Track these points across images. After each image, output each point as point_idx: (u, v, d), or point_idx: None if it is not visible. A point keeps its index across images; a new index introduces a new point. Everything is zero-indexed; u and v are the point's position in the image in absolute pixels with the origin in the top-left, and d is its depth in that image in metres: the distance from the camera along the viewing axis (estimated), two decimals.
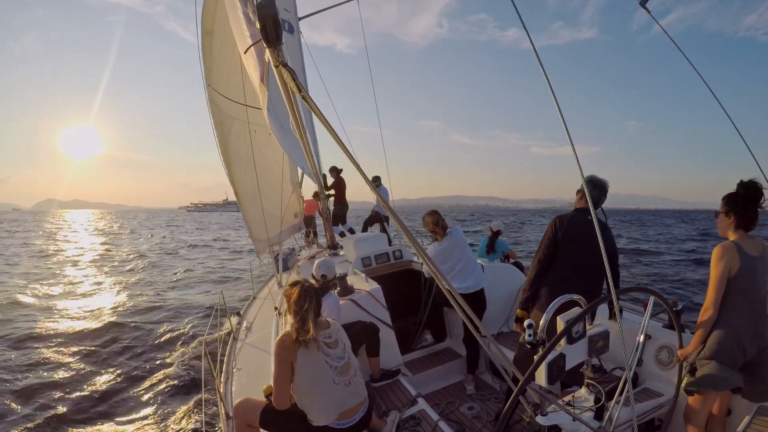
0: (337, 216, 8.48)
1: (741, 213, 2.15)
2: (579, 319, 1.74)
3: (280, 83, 1.62)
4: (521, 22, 1.35)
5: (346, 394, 2.18)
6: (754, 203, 2.12)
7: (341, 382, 2.17)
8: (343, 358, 2.25)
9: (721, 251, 2.12)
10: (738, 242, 2.14)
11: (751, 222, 2.15)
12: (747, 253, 2.11)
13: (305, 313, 2.14)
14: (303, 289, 2.21)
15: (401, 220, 1.64)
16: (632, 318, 3.35)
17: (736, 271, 2.09)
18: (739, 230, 2.18)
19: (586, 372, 1.97)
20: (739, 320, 2.11)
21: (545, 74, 1.31)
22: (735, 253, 2.10)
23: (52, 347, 7.44)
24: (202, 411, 3.34)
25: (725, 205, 2.20)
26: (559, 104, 1.29)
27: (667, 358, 2.99)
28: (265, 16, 1.49)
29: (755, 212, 2.13)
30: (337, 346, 2.25)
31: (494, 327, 4.24)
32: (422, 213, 3.82)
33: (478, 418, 3.16)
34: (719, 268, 2.11)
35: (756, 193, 2.10)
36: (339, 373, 2.18)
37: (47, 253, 22.97)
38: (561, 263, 2.67)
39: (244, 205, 5.39)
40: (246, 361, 3.63)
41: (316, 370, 2.11)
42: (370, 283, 3.74)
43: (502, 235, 6.63)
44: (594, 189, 2.68)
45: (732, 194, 2.18)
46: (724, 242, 2.17)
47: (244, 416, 2.27)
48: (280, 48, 1.57)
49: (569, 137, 1.34)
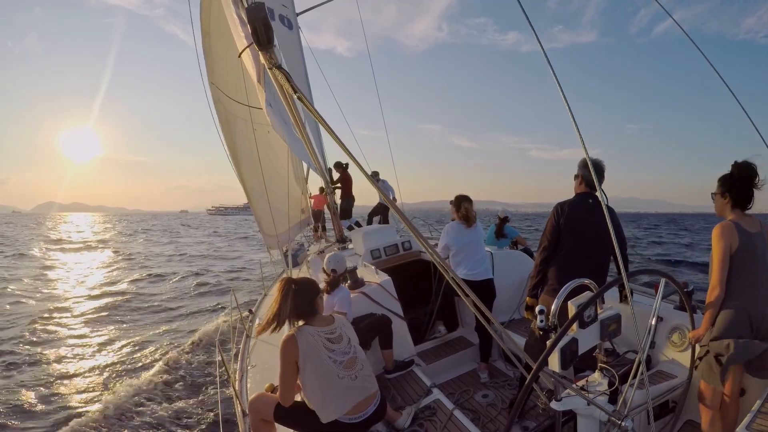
0: (344, 210, 8.53)
1: (736, 192, 2.20)
2: (590, 304, 1.74)
3: (276, 85, 1.62)
4: (530, 26, 1.33)
5: (352, 388, 2.18)
6: (748, 183, 2.17)
7: (347, 377, 2.18)
8: (348, 353, 2.25)
9: (720, 230, 2.17)
10: (736, 221, 2.19)
11: (747, 200, 2.21)
12: (746, 230, 2.15)
13: (280, 310, 2.19)
14: (283, 289, 2.24)
15: (403, 213, 1.63)
16: (643, 300, 3.33)
17: (737, 248, 2.13)
18: (736, 209, 2.23)
19: (599, 356, 1.97)
20: (744, 297, 2.14)
21: (555, 76, 1.29)
22: (734, 231, 2.14)
23: (69, 349, 7.60)
24: (218, 409, 3.39)
25: (721, 186, 2.26)
26: (568, 104, 1.28)
27: (679, 339, 2.97)
28: (255, 20, 1.48)
29: (750, 191, 2.19)
30: (341, 341, 2.25)
31: (505, 314, 4.24)
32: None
33: (493, 406, 3.18)
34: (720, 246, 2.14)
35: (750, 173, 2.16)
36: (344, 367, 2.19)
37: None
38: (566, 248, 2.66)
39: (253, 202, 5.43)
40: (259, 357, 3.67)
41: (319, 366, 2.12)
42: (380, 275, 3.75)
43: (510, 222, 6.59)
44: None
45: (727, 175, 2.24)
46: (722, 222, 2.21)
47: (258, 412, 2.30)
48: (273, 50, 1.57)
49: (579, 134, 1.34)
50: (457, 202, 3.74)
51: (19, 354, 7.24)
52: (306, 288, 2.28)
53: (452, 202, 3.79)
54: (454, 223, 3.75)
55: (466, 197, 3.75)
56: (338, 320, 2.36)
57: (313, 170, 3.23)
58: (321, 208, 9.60)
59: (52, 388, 5.93)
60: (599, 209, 2.57)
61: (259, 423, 2.32)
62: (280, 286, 2.26)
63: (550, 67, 1.29)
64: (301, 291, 2.24)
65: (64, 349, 7.59)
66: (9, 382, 6.07)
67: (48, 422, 5.01)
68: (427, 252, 1.60)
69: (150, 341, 7.95)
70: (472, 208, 3.72)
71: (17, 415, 5.15)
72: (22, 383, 6.05)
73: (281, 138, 1.97)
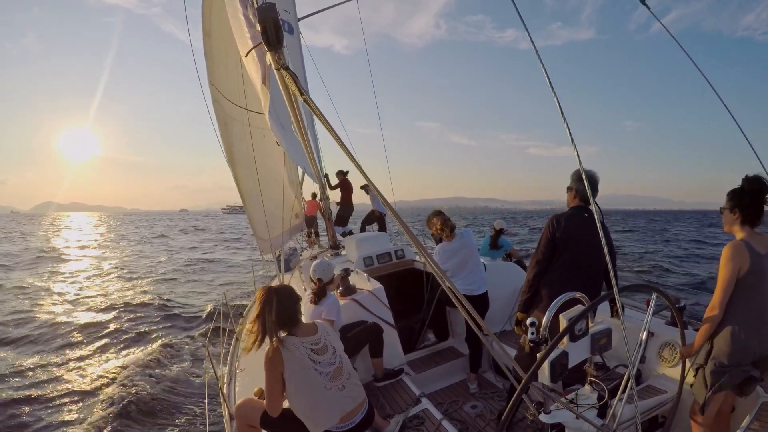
0: (341, 217, 8.49)
1: (746, 208, 2.11)
2: (581, 317, 1.74)
3: (282, 86, 1.62)
4: (523, 25, 1.35)
5: (340, 398, 2.15)
6: (759, 198, 2.08)
7: (334, 387, 2.14)
8: (334, 363, 2.20)
9: (732, 251, 2.08)
10: (747, 240, 2.10)
11: (757, 217, 2.11)
12: (757, 251, 2.07)
13: (265, 321, 2.09)
14: (264, 295, 2.14)
15: (402, 219, 1.64)
16: (634, 315, 3.35)
17: (746, 271, 2.05)
18: (746, 226, 2.13)
19: (589, 370, 1.97)
20: (746, 321, 2.09)
21: (546, 75, 1.31)
22: (746, 253, 2.06)
23: (53, 349, 7.49)
24: (206, 412, 3.36)
25: (730, 201, 2.16)
26: (560, 103, 1.29)
27: (670, 355, 2.99)
28: (266, 19, 1.48)
29: (761, 207, 2.09)
30: (326, 352, 2.20)
31: (497, 326, 4.24)
32: (421, 215, 3.86)
33: (482, 417, 3.17)
34: (729, 268, 2.07)
35: (761, 188, 2.07)
36: (330, 378, 2.15)
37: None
38: (560, 262, 2.66)
39: (248, 204, 5.41)
40: (249, 362, 3.64)
41: (305, 379, 2.08)
42: (372, 283, 3.74)
43: (505, 234, 6.62)
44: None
45: (737, 189, 2.14)
46: (734, 241, 2.13)
47: (245, 417, 2.29)
48: (282, 51, 1.57)
49: (570, 135, 1.34)
50: (428, 223, 3.75)
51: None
52: (288, 296, 2.19)
53: (427, 225, 3.78)
54: (438, 247, 3.70)
55: (433, 212, 3.74)
56: (321, 328, 2.28)
57: (309, 175, 3.22)
58: (314, 214, 9.59)
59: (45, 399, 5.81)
60: (594, 224, 2.59)
61: (245, 428, 2.30)
62: (260, 295, 2.15)
63: (541, 63, 1.29)
64: (283, 300, 2.15)
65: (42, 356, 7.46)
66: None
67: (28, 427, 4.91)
68: (424, 259, 1.60)
69: (137, 345, 7.82)
70: (444, 217, 3.67)
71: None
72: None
73: (279, 143, 1.97)
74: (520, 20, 1.37)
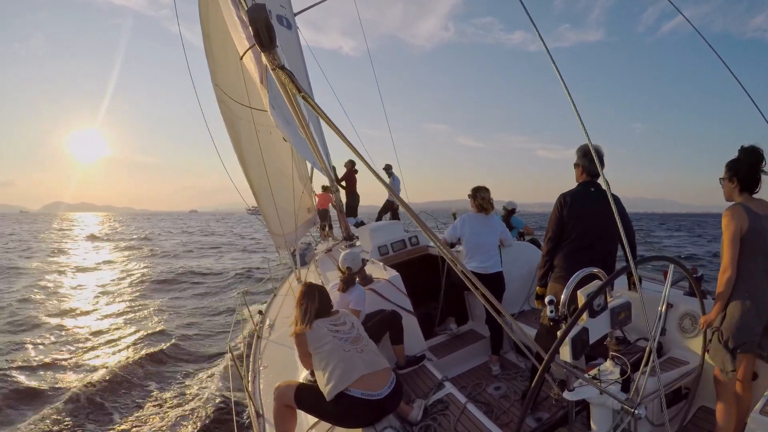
0: (349, 206, 8.52)
1: (744, 176, 2.22)
2: (599, 292, 1.73)
3: (279, 85, 1.62)
4: (534, 27, 1.33)
5: (359, 359, 2.31)
6: (755, 167, 2.19)
7: (353, 349, 2.37)
8: (352, 332, 2.50)
9: (730, 213, 2.20)
10: (744, 203, 2.21)
11: (755, 184, 2.23)
12: (755, 212, 2.17)
13: (305, 308, 2.53)
14: (304, 290, 2.63)
15: (411, 208, 1.64)
16: (652, 287, 3.31)
17: (747, 230, 2.14)
18: (744, 193, 2.25)
19: (610, 344, 1.97)
20: (754, 283, 2.15)
21: (560, 74, 1.29)
22: (743, 213, 2.16)
23: (53, 349, 7.60)
24: (232, 411, 3.42)
25: (728, 171, 2.28)
26: (574, 103, 1.28)
27: (690, 325, 2.96)
28: (256, 21, 1.48)
29: (758, 174, 2.21)
30: (346, 324, 2.53)
31: (515, 306, 4.23)
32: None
33: (506, 398, 3.18)
34: (731, 228, 2.16)
35: (757, 157, 2.18)
36: (351, 342, 2.41)
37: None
38: (571, 238, 2.67)
39: (261, 202, 5.45)
40: (271, 358, 3.69)
41: (326, 344, 2.36)
42: (388, 271, 3.76)
43: (516, 213, 6.57)
44: (591, 160, 2.62)
45: (734, 159, 2.26)
46: (731, 205, 2.23)
47: (281, 398, 2.41)
48: (275, 51, 1.57)
49: (586, 133, 1.34)
50: (473, 192, 3.79)
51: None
52: (324, 292, 2.65)
53: (470, 195, 3.83)
54: (469, 213, 3.79)
55: (483, 187, 3.79)
56: (342, 312, 2.66)
57: (318, 169, 3.24)
58: (326, 207, 9.63)
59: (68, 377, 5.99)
60: (603, 197, 2.56)
61: (282, 408, 2.42)
62: (304, 288, 2.63)
63: (554, 64, 1.29)
64: (323, 294, 2.62)
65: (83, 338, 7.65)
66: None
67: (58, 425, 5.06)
68: (435, 245, 1.60)
69: (159, 346, 7.94)
70: (489, 196, 3.75)
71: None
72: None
73: (286, 138, 1.98)
74: (531, 22, 1.37)
